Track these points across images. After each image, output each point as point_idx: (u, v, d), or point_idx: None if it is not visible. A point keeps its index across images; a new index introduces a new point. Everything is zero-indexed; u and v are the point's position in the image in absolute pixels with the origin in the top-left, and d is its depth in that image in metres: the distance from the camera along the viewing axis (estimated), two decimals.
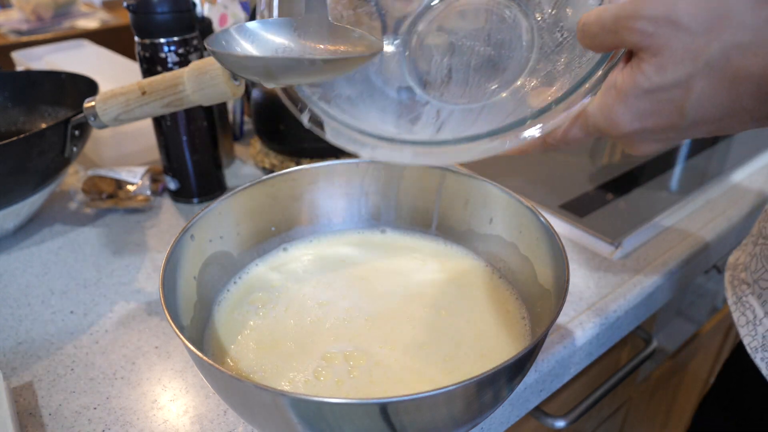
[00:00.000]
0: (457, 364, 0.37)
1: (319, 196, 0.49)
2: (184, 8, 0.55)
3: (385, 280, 0.45)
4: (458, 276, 0.45)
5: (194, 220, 0.41)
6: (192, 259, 0.41)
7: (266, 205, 0.47)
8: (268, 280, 0.46)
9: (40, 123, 0.70)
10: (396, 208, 0.50)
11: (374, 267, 0.47)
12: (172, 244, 0.38)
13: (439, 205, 0.48)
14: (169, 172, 0.63)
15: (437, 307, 0.42)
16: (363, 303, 0.43)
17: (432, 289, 0.44)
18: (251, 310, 0.43)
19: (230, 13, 0.76)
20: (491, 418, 0.42)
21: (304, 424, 0.29)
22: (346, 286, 0.45)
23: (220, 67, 0.44)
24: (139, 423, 0.39)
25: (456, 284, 0.44)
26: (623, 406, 0.74)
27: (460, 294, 0.43)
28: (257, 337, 0.40)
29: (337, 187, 0.49)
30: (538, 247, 0.40)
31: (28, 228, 0.62)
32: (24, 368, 0.44)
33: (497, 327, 0.40)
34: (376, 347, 0.39)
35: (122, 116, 0.48)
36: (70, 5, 1.84)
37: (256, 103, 0.69)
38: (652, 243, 0.57)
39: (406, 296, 0.43)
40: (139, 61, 0.57)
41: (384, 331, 0.40)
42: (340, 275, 0.46)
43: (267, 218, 0.48)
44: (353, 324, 0.41)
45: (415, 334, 0.40)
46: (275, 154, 0.71)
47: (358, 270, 0.46)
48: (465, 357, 0.38)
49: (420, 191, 0.49)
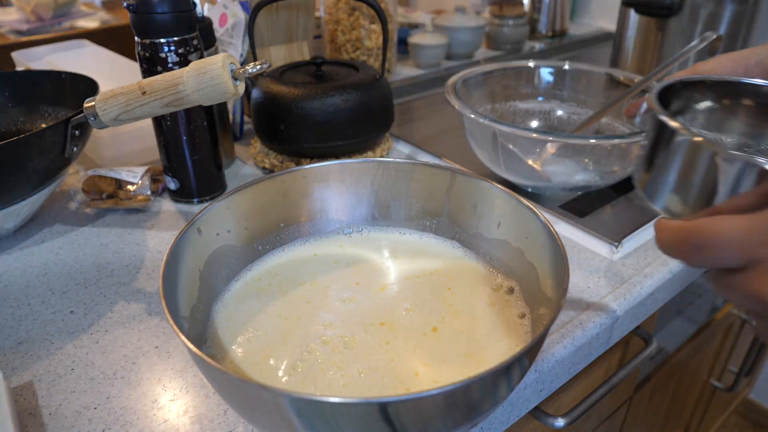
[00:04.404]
0: (457, 364, 0.37)
1: (329, 194, 0.49)
2: (184, 8, 0.55)
3: (391, 279, 0.45)
4: (463, 278, 0.45)
5: (200, 215, 0.41)
6: (197, 254, 0.41)
7: (275, 202, 0.47)
8: (274, 277, 0.46)
9: (40, 123, 0.70)
10: (406, 208, 0.50)
11: (382, 266, 0.47)
12: (176, 237, 0.38)
13: (449, 207, 0.48)
14: (169, 172, 0.63)
15: (440, 308, 0.42)
16: (368, 303, 0.43)
17: (436, 290, 0.44)
18: (255, 307, 0.43)
19: (230, 13, 0.76)
20: (491, 418, 0.42)
21: (304, 424, 0.29)
22: (352, 286, 0.45)
23: (220, 67, 0.44)
24: (139, 423, 0.39)
25: (460, 286, 0.44)
26: (623, 406, 0.74)
27: (463, 296, 0.43)
28: (259, 334, 0.40)
29: (347, 186, 0.49)
30: (542, 255, 0.40)
31: (28, 228, 0.62)
32: (24, 368, 0.44)
33: (498, 328, 0.40)
34: (379, 347, 0.39)
35: (122, 116, 0.48)
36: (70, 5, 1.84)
37: (256, 103, 0.69)
38: (652, 243, 0.57)
39: (410, 296, 0.43)
40: (139, 61, 0.57)
41: (387, 332, 0.40)
42: (347, 274, 0.46)
43: (276, 214, 0.48)
44: (357, 324, 0.41)
45: (418, 335, 0.40)
46: (275, 154, 0.71)
47: (366, 269, 0.47)
48: (465, 357, 0.38)
49: (430, 192, 0.49)
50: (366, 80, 0.69)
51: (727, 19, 0.86)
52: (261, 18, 0.78)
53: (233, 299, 0.43)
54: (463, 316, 0.41)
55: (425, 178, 0.48)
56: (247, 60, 0.79)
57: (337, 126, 0.66)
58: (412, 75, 1.07)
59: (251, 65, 0.45)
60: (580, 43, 1.31)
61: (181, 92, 0.45)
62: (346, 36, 0.96)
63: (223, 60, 0.44)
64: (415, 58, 1.10)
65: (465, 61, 1.15)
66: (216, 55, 0.45)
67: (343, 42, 0.97)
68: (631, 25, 0.96)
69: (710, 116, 0.41)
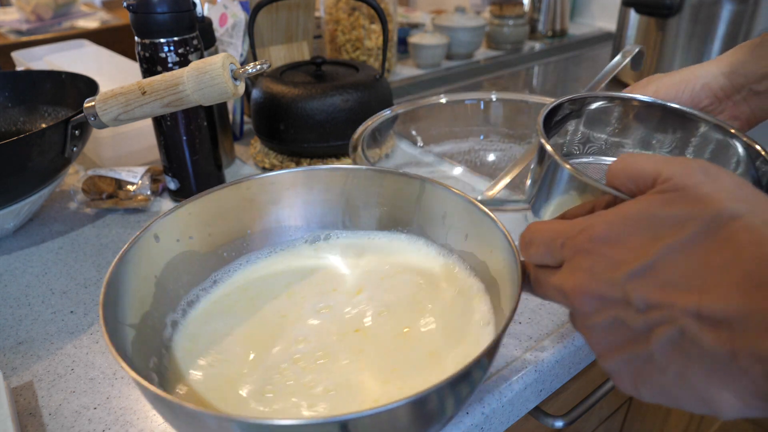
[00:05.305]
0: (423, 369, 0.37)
1: (297, 201, 0.48)
2: (184, 8, 0.55)
3: (358, 287, 0.44)
4: (431, 286, 0.44)
5: (157, 220, 0.40)
6: (152, 260, 0.40)
7: (242, 208, 0.46)
8: (243, 292, 0.44)
9: (40, 123, 0.70)
10: (376, 216, 0.49)
11: (349, 274, 0.46)
12: (129, 243, 0.38)
13: (419, 216, 0.47)
14: (169, 172, 0.63)
15: (413, 310, 0.41)
16: (335, 313, 0.42)
17: (408, 291, 0.43)
18: (221, 327, 0.41)
19: (230, 13, 0.76)
20: (491, 418, 0.42)
21: None
22: (319, 294, 0.43)
23: (220, 67, 0.44)
24: (139, 423, 0.39)
25: (427, 294, 0.43)
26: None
27: (430, 304, 0.42)
28: (218, 349, 0.39)
29: (316, 193, 0.48)
30: (504, 271, 0.38)
31: (28, 228, 0.62)
32: (24, 368, 0.44)
33: (466, 338, 0.39)
34: (344, 360, 0.38)
35: (122, 116, 0.48)
36: (70, 5, 1.84)
37: (256, 103, 0.69)
38: None
39: (384, 299, 0.43)
40: (139, 61, 0.57)
41: (353, 344, 0.39)
42: (313, 282, 0.45)
43: (242, 221, 0.46)
44: (322, 337, 0.40)
45: (390, 339, 0.39)
46: (275, 154, 0.71)
47: (332, 277, 0.45)
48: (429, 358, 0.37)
49: (400, 201, 0.47)
50: (366, 80, 0.69)
51: (727, 19, 0.86)
52: (261, 18, 0.78)
53: (197, 318, 0.42)
54: (429, 327, 0.40)
55: (395, 186, 0.47)
56: (247, 60, 0.79)
57: (337, 126, 0.66)
58: (412, 75, 1.07)
59: (251, 65, 0.45)
60: (580, 43, 1.31)
61: (181, 92, 0.45)
62: (346, 36, 0.96)
63: (223, 60, 0.44)
64: (415, 58, 1.11)
65: (465, 61, 1.15)
66: (216, 55, 0.45)
67: (343, 42, 0.97)
68: (631, 25, 0.97)
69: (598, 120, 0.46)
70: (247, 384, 0.36)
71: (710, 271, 0.23)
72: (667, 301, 0.24)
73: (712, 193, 0.25)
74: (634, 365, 0.26)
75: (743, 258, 0.23)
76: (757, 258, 0.23)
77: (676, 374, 0.25)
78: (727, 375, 0.23)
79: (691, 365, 0.24)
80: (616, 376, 0.28)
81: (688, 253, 0.24)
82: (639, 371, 0.26)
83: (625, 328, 0.26)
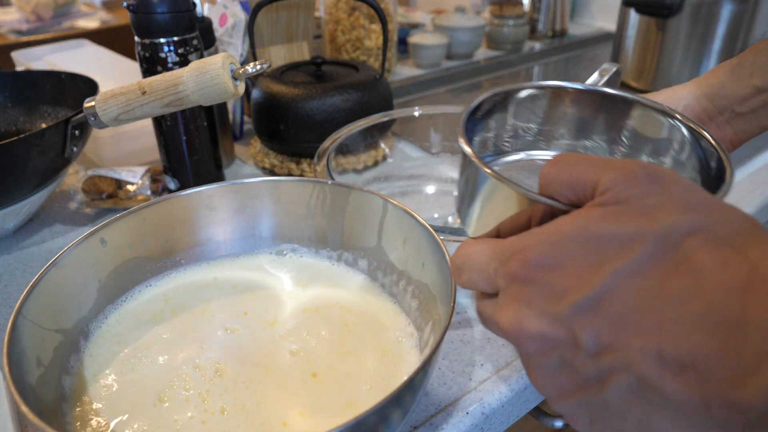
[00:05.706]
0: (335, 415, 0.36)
1: (263, 211, 0.48)
2: (184, 8, 0.55)
3: (286, 313, 0.43)
4: (366, 317, 0.43)
5: (106, 226, 0.41)
6: (99, 264, 0.41)
7: (203, 216, 0.46)
8: (166, 301, 0.44)
9: (40, 123, 0.70)
10: (340, 234, 0.48)
11: (283, 296, 0.45)
12: (68, 246, 0.39)
13: (381, 237, 0.45)
14: (169, 172, 0.63)
15: (330, 350, 0.40)
16: (250, 339, 0.41)
17: (332, 327, 0.42)
18: (134, 335, 0.41)
19: (230, 13, 0.76)
20: (491, 418, 0.42)
21: None
22: (240, 316, 0.43)
23: (220, 67, 0.44)
24: None
25: (359, 325, 0.42)
26: None
27: (359, 336, 0.41)
28: (131, 371, 0.39)
29: (281, 205, 0.48)
30: (444, 303, 0.37)
31: (28, 228, 0.62)
32: None
33: (384, 380, 0.38)
34: (260, 388, 0.37)
35: (122, 116, 0.48)
36: (70, 5, 1.84)
37: (256, 103, 0.69)
38: None
39: (300, 334, 0.42)
40: (139, 61, 0.57)
41: (260, 374, 0.38)
42: (239, 302, 0.44)
43: (203, 229, 0.47)
44: (234, 357, 0.39)
45: (295, 381, 0.38)
46: (275, 154, 0.71)
47: (263, 297, 0.45)
48: (344, 408, 0.36)
49: (364, 220, 0.46)
50: (366, 80, 0.69)
51: (727, 19, 0.86)
52: (261, 18, 0.78)
53: (114, 325, 0.42)
54: (350, 361, 0.39)
55: (360, 204, 0.46)
56: (247, 60, 0.79)
57: (337, 126, 0.66)
58: (412, 75, 1.07)
59: (251, 65, 0.45)
60: (580, 43, 1.31)
61: (181, 92, 0.45)
62: (346, 36, 0.96)
63: (223, 60, 0.44)
64: (415, 58, 1.11)
65: (465, 62, 1.15)
66: (216, 55, 0.45)
67: (343, 42, 0.97)
68: (631, 25, 0.97)
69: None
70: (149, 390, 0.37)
71: (667, 302, 0.20)
72: (621, 342, 0.21)
73: (660, 204, 0.21)
74: (590, 410, 0.23)
75: (705, 285, 0.20)
76: (722, 284, 0.19)
77: (638, 420, 0.21)
78: (699, 426, 0.20)
79: (653, 413, 0.21)
80: (570, 418, 0.24)
81: (639, 280, 0.21)
82: (595, 416, 0.23)
83: (574, 372, 0.22)
